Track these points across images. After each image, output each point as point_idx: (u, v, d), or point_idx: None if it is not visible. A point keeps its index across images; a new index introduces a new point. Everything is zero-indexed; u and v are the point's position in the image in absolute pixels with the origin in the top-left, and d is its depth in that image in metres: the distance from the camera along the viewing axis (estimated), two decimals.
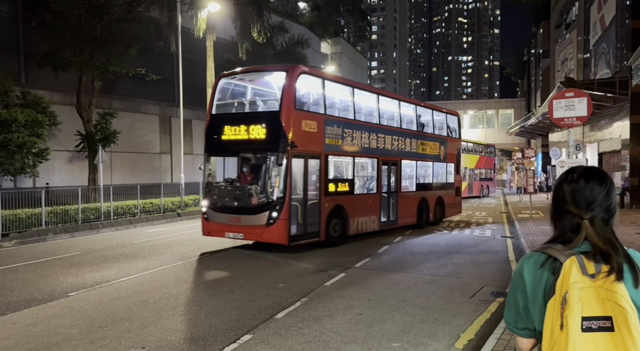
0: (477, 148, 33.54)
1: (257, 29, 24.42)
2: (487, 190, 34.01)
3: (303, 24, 47.27)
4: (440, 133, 16.52)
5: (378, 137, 12.89)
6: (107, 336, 5.15)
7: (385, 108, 13.82)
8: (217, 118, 11.12)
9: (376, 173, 12.94)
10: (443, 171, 16.48)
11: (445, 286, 7.41)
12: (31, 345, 4.92)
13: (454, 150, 17.21)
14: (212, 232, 10.71)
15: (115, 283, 7.74)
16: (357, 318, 5.79)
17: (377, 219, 12.83)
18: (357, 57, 68.63)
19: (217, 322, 5.63)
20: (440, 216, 16.09)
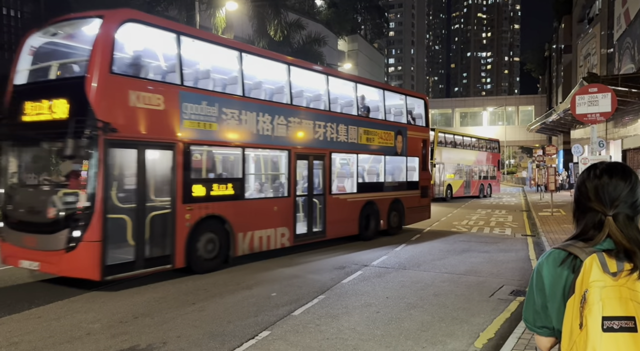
0: (476, 143, 30.87)
1: (273, 27, 24.53)
2: (489, 190, 31.46)
3: (320, 22, 47.26)
4: (397, 120, 13.45)
5: (289, 122, 9.74)
6: (128, 332, 5.25)
7: (302, 84, 10.82)
8: (18, 91, 7.69)
9: (287, 170, 9.84)
10: (401, 167, 13.40)
11: (464, 285, 7.34)
12: (55, 339, 5.04)
13: (418, 142, 13.97)
14: (7, 259, 7.49)
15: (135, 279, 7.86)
16: (374, 316, 5.78)
17: (290, 231, 9.78)
18: (374, 54, 68.29)
19: (236, 318, 5.68)
20: (397, 224, 13.05)
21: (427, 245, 11.22)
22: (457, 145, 27.73)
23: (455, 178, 27.05)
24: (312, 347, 4.76)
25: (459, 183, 27.58)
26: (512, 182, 54.47)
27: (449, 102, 64.28)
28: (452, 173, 26.70)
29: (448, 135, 27.75)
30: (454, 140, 27.67)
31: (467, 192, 28.41)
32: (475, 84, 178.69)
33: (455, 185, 26.99)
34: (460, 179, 27.63)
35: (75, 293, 6.93)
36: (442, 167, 25.56)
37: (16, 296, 6.77)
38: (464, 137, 29.76)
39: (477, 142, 31.06)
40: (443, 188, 25.79)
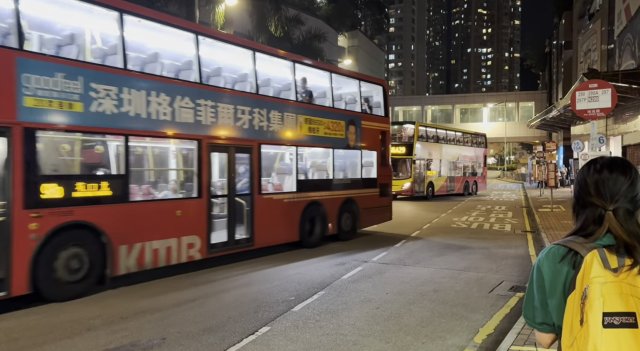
0: (461, 138, 29.13)
1: (274, 23, 24.46)
2: (475, 187, 29.44)
3: (320, 17, 47.09)
4: (349, 109, 11.78)
5: (199, 106, 7.86)
6: (128, 328, 5.25)
7: (220, 61, 9.26)
8: None
9: (198, 165, 7.92)
10: (355, 162, 11.79)
11: (464, 281, 7.35)
12: (55, 334, 5.05)
13: (376, 134, 12.30)
14: None
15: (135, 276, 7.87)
16: (374, 311, 5.79)
17: (202, 241, 7.91)
18: (374, 51, 68.13)
19: (235, 314, 5.69)
20: (351, 227, 11.41)
21: (426, 242, 11.23)
22: (439, 140, 26.35)
23: (437, 175, 25.68)
24: (311, 343, 4.77)
25: (442, 181, 26.15)
26: (512, 178, 54.46)
27: (449, 99, 64.20)
28: (434, 170, 25.43)
29: (429, 129, 26.36)
30: (436, 134, 26.33)
31: (450, 190, 26.92)
32: (475, 80, 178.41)
33: (437, 183, 25.66)
34: (443, 176, 26.20)
35: None
36: (423, 163, 24.42)
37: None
38: (447, 131, 28.19)
39: (462, 136, 29.46)
40: (424, 186, 24.46)
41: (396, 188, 22.03)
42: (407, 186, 23.28)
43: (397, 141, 23.85)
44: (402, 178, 23.38)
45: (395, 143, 23.28)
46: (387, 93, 13.15)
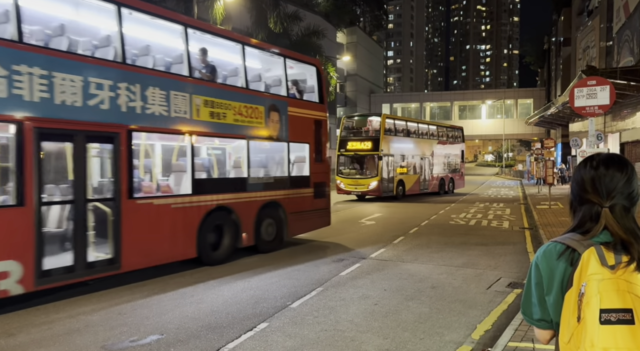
0: (435, 132, 26.76)
1: (273, 19, 24.40)
2: (452, 185, 27.38)
3: (318, 14, 46.96)
4: (272, 92, 9.72)
5: (15, 75, 5.58)
6: (127, 323, 5.26)
7: (60, 15, 7.12)
8: None
9: (16, 158, 5.63)
10: (279, 157, 9.86)
11: (461, 278, 7.37)
12: (53, 330, 5.05)
13: (308, 123, 10.37)
14: None
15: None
16: (372, 308, 5.80)
17: (26, 268, 5.66)
18: (373, 47, 67.99)
19: (234, 310, 5.69)
20: (275, 235, 9.48)
21: (425, 238, 11.25)
22: (410, 134, 23.93)
23: (408, 172, 23.29)
24: (309, 338, 4.79)
25: (413, 179, 23.75)
26: (510, 175, 54.55)
27: (448, 95, 64.21)
28: (404, 167, 22.98)
29: (399, 122, 23.88)
30: (406, 127, 23.82)
31: (423, 188, 24.65)
32: (474, 76, 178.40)
33: (408, 181, 23.29)
34: (414, 173, 23.85)
35: (74, 286, 6.92)
36: (392, 159, 21.95)
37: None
38: (419, 125, 25.82)
39: (437, 130, 27.18)
40: (393, 185, 22.10)
41: (362, 188, 21.14)
42: (373, 185, 21.00)
43: (362, 135, 22.06)
44: (369, 176, 21.26)
45: (360, 138, 21.86)
46: (322, 75, 11.02)
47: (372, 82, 65.15)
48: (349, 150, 22.00)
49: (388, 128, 22.00)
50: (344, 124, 22.97)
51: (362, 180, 21.26)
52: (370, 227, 13.12)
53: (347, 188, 21.68)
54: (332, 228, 11.78)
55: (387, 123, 22.12)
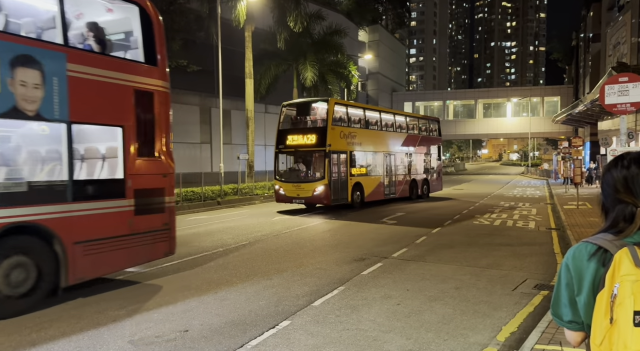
0: (403, 123, 21.73)
1: (294, 18, 24.46)
2: (426, 188, 22.93)
3: (340, 12, 46.91)
4: (28, 35, 6.01)
5: None
6: (152, 319, 5.36)
7: None
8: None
9: None
10: (44, 148, 6.28)
11: (486, 278, 7.25)
12: (82, 324, 5.19)
13: (123, 93, 6.73)
14: None
15: (160, 267, 8.03)
16: (394, 308, 5.77)
17: None
18: (395, 45, 67.53)
19: (256, 308, 5.74)
20: (34, 285, 5.64)
21: (448, 238, 11.12)
22: (370, 125, 19.30)
23: (368, 173, 18.74)
24: (332, 337, 4.79)
25: (375, 182, 19.13)
26: (536, 174, 53.42)
27: (472, 93, 63.27)
28: (362, 167, 18.46)
29: (353, 109, 18.97)
30: (364, 117, 19.03)
31: (389, 193, 20.10)
32: (499, 74, 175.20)
33: (368, 184, 18.60)
34: (376, 175, 19.25)
35: (102, 281, 7.10)
36: (344, 157, 17.27)
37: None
38: (382, 114, 20.75)
39: (405, 121, 22.21)
40: (347, 190, 17.31)
41: (305, 195, 16.58)
42: (319, 191, 16.34)
43: (306, 127, 17.67)
44: (313, 180, 16.73)
45: (303, 130, 17.38)
46: (154, 20, 7.21)
47: (394, 81, 64.73)
48: (289, 145, 17.32)
49: (339, 117, 17.45)
50: (284, 113, 18.18)
51: (305, 185, 16.70)
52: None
53: (288, 195, 17.02)
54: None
55: (337, 111, 17.50)
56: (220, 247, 9.95)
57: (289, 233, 11.73)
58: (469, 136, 68.10)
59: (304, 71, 28.40)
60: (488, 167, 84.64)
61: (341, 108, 17.94)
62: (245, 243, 10.46)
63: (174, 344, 4.62)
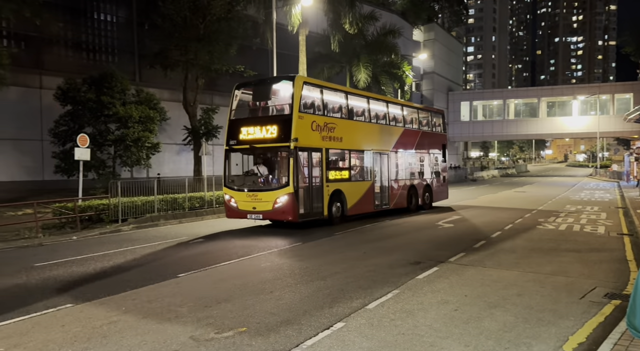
0: (398, 115, 17.40)
1: (348, 20, 24.50)
2: (429, 196, 18.81)
3: (394, 12, 46.43)
4: None
5: None
6: (212, 316, 5.55)
7: None
8: None
9: None
10: None
11: (551, 286, 6.89)
12: (148, 319, 5.46)
13: None
14: None
15: (218, 267, 8.30)
16: (452, 313, 5.61)
17: None
18: (451, 43, 65.82)
19: (311, 308, 5.79)
20: None
21: (510, 243, 10.67)
22: (354, 115, 15.18)
23: (351, 178, 14.58)
24: (387, 341, 4.73)
25: (361, 189, 15.00)
26: (605, 176, 50.10)
27: (535, 91, 60.30)
28: (343, 170, 14.35)
29: (331, 93, 14.40)
30: (346, 104, 14.68)
31: (381, 204, 15.99)
32: (564, 71, 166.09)
33: (351, 193, 14.42)
34: (363, 180, 15.21)
35: (164, 277, 7.45)
36: (318, 156, 13.22)
37: (113, 280, 7.43)
38: (372, 101, 16.16)
39: (402, 112, 17.67)
40: (322, 201, 13.19)
41: (264, 208, 12.35)
42: (282, 202, 12.18)
43: (264, 115, 13.32)
44: (273, 187, 12.61)
45: (260, 120, 13.10)
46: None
47: (451, 80, 63.09)
48: (243, 141, 12.99)
49: (311, 103, 13.20)
50: (238, 97, 13.73)
51: (264, 194, 12.49)
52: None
53: (242, 208, 12.78)
54: None
55: (308, 95, 13.17)
56: (274, 247, 10.11)
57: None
58: (531, 136, 65.05)
59: (357, 73, 28.36)
60: (552, 169, 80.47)
61: (313, 91, 13.55)
62: (300, 244, 10.56)
63: (233, 341, 4.76)
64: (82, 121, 18.51)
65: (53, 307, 5.98)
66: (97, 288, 6.92)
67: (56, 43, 22.49)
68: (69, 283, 7.34)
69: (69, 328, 5.18)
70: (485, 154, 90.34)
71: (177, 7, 19.61)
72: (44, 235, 12.21)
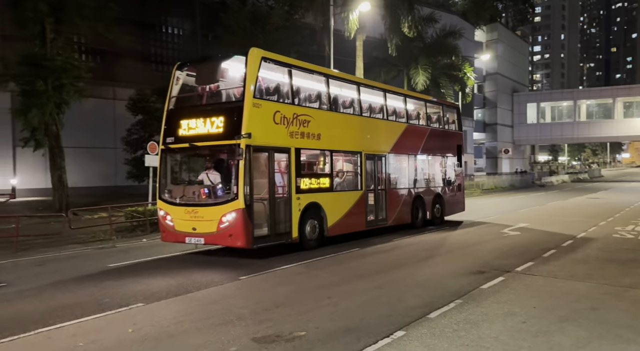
0: (400, 107, 14.12)
1: (407, 24, 24.22)
2: (440, 210, 15.32)
3: (455, 13, 45.32)
4: None
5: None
6: (272, 319, 5.64)
7: None
8: None
9: None
10: None
11: (630, 300, 6.37)
12: (212, 320, 5.65)
13: None
14: None
15: (277, 270, 8.45)
16: (519, 326, 5.34)
17: None
18: (516, 43, 63.17)
19: (369, 316, 5.72)
20: None
21: (582, 253, 10.01)
22: (337, 107, 11.88)
23: (334, 187, 11.29)
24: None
25: (349, 200, 11.72)
26: None
27: (609, 91, 56.35)
28: (322, 176, 11.06)
29: (301, 74, 10.93)
30: (327, 92, 11.39)
31: (375, 220, 12.58)
32: None
33: (334, 206, 11.16)
34: (351, 190, 11.94)
35: (226, 280, 7.68)
36: (284, 158, 10.15)
37: (179, 281, 7.76)
38: (363, 88, 12.60)
39: (404, 105, 14.23)
40: (291, 219, 9.98)
41: (205, 228, 9.19)
42: (229, 221, 8.99)
43: (210, 102, 10.34)
44: (219, 201, 9.35)
45: (203, 110, 10.05)
46: None
47: (516, 80, 60.50)
48: (183, 137, 9.89)
49: (274, 88, 10.15)
50: (180, 80, 10.54)
51: (206, 210, 9.34)
52: None
53: (179, 229, 9.56)
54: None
55: (268, 76, 10.10)
56: (330, 253, 10.13)
57: None
58: (605, 139, 60.97)
59: (415, 76, 27.93)
60: (629, 173, 74.62)
61: (278, 72, 10.29)
62: (356, 250, 10.50)
63: (293, 345, 4.80)
64: (152, 129, 19.57)
65: (126, 306, 6.34)
66: (164, 289, 7.26)
67: (127, 56, 24.00)
68: (138, 283, 7.75)
69: (139, 327, 5.47)
70: (554, 158, 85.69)
71: (238, 18, 20.32)
72: (117, 237, 13.00)
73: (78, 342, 5.03)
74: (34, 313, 6.16)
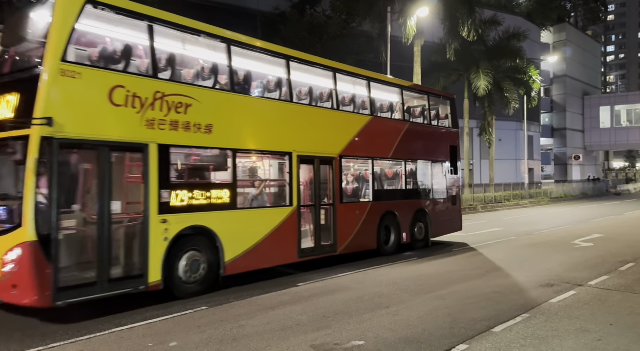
0: (362, 94, 10.70)
1: (467, 28, 23.61)
2: (423, 229, 11.93)
3: (519, 15, 43.58)
4: None
5: None
6: (331, 326, 5.65)
7: None
8: None
9: None
10: None
11: None
12: (271, 326, 5.75)
13: None
14: None
15: (335, 278, 8.46)
16: (594, 343, 4.99)
17: None
18: (587, 43, 59.59)
19: (430, 327, 5.58)
20: None
21: None
22: (248, 87, 8.56)
23: (237, 203, 7.81)
24: None
25: (267, 222, 8.33)
26: None
27: None
28: (213, 187, 7.58)
29: (171, 33, 7.28)
30: (229, 63, 7.92)
31: (314, 247, 9.16)
32: None
33: (239, 231, 7.81)
34: (270, 206, 8.74)
35: (285, 285, 7.80)
36: (136, 159, 6.75)
37: (240, 287, 7.96)
38: (293, 65, 9.06)
39: (367, 88, 10.71)
40: (146, 258, 6.49)
41: None
42: (14, 262, 5.51)
43: (7, 72, 6.74)
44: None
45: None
46: None
47: (586, 83, 56.98)
48: None
49: (116, 50, 6.79)
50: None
51: None
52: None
53: None
54: None
55: (99, 27, 6.73)
56: (384, 263, 10.01)
57: None
58: None
59: (476, 80, 27.09)
60: None
61: (121, 26, 6.92)
62: (415, 259, 10.30)
63: None
64: None
65: (191, 309, 6.59)
66: (227, 293, 7.47)
67: None
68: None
69: (204, 329, 5.67)
70: (631, 165, 79.62)
71: (296, 29, 20.74)
72: None
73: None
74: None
